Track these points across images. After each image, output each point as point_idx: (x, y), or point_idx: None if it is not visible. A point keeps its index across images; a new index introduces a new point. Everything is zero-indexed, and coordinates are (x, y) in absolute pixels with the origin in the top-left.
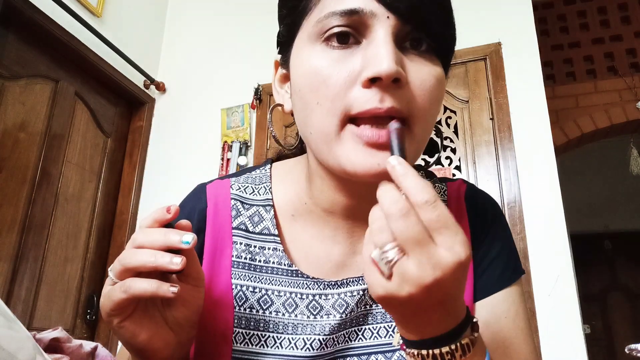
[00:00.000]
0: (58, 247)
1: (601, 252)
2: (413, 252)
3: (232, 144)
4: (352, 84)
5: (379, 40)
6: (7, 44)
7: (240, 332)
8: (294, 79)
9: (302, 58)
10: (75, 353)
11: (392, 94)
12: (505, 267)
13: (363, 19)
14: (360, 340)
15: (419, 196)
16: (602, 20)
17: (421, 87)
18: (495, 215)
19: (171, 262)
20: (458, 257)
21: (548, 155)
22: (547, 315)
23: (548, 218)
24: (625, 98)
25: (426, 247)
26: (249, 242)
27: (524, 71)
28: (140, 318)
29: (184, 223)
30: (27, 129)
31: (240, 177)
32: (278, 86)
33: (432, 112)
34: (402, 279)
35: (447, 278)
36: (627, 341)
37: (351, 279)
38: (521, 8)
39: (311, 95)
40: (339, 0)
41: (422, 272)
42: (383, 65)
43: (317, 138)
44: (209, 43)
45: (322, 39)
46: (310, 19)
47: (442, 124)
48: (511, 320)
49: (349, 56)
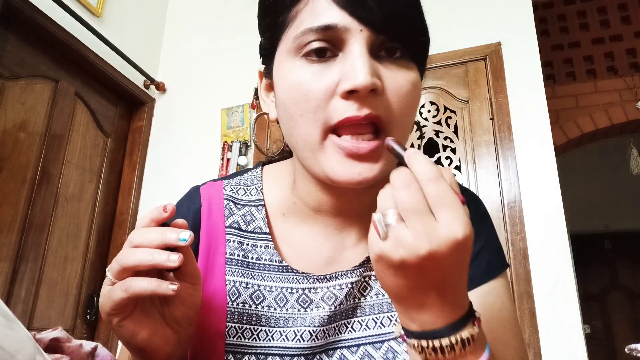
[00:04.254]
0: (58, 247)
1: (601, 252)
2: (410, 221)
3: (232, 144)
4: (331, 96)
5: (354, 54)
6: (7, 44)
7: (233, 327)
8: (277, 92)
9: (284, 73)
10: (75, 353)
11: (369, 102)
12: (491, 260)
13: (338, 33)
14: (349, 333)
15: (423, 173)
16: (602, 20)
17: (397, 94)
18: (478, 212)
19: (168, 259)
20: (455, 235)
21: (548, 155)
22: (547, 315)
23: (548, 218)
24: (625, 98)
25: (424, 218)
26: (241, 240)
27: (524, 71)
28: (139, 317)
29: (180, 222)
30: (27, 129)
31: (233, 179)
32: (264, 95)
33: (409, 116)
34: (398, 242)
35: (442, 254)
36: (627, 341)
37: (340, 273)
38: (521, 8)
39: (295, 108)
40: (314, 16)
41: (417, 240)
42: (359, 78)
43: (303, 147)
44: (209, 43)
45: (301, 54)
46: (288, 34)
47: (442, 124)
48: (498, 312)
49: (328, 69)
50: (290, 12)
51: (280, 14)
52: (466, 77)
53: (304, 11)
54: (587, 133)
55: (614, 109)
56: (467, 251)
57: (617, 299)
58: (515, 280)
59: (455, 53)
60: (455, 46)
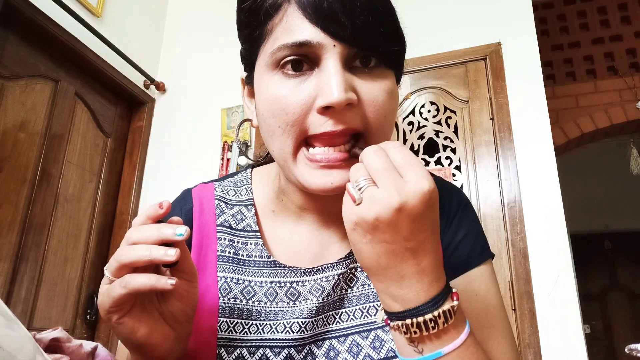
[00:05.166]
0: (58, 247)
1: (601, 252)
2: (381, 180)
3: (232, 144)
4: (308, 110)
5: (329, 70)
6: (7, 44)
7: (224, 321)
8: (257, 103)
9: (263, 86)
10: (75, 353)
11: (345, 116)
12: (473, 248)
13: (312, 49)
14: (338, 323)
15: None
16: (602, 20)
17: (374, 104)
18: (460, 203)
19: (166, 254)
20: (421, 187)
21: (548, 155)
22: (547, 315)
23: (548, 218)
24: (625, 98)
25: (393, 177)
26: (232, 238)
27: (524, 71)
28: (138, 314)
29: (176, 219)
30: (27, 129)
31: (223, 181)
32: (247, 102)
33: (387, 124)
34: (371, 201)
35: (412, 205)
36: (627, 341)
37: (326, 265)
38: (521, 8)
39: (272, 120)
40: (288, 33)
41: (389, 195)
42: (334, 95)
43: (278, 157)
44: (209, 43)
45: (278, 68)
46: (265, 48)
47: (442, 124)
48: (482, 299)
49: (304, 83)
50: (266, 26)
51: (257, 27)
52: (466, 77)
53: (278, 27)
54: (587, 133)
55: (614, 109)
56: (435, 205)
57: (617, 299)
58: (515, 280)
59: (455, 53)
60: (455, 46)
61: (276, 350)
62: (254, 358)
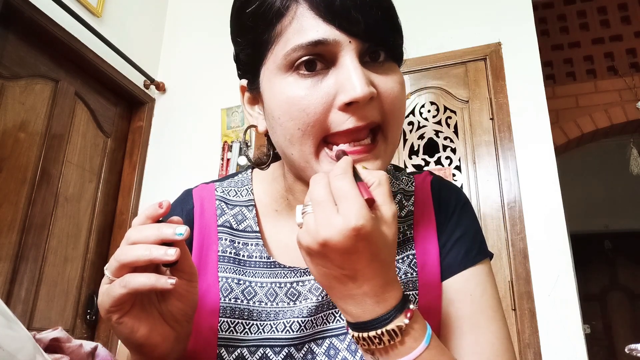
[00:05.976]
0: (58, 247)
1: (601, 252)
2: (315, 210)
3: (232, 144)
4: (329, 108)
5: (348, 66)
6: (7, 44)
7: (225, 321)
8: (270, 108)
9: (276, 89)
10: (75, 353)
11: (367, 110)
12: (470, 247)
13: (328, 47)
14: (337, 322)
15: (334, 171)
16: (602, 20)
17: (390, 97)
18: (458, 202)
19: (166, 253)
20: (347, 224)
21: (548, 155)
22: (547, 315)
23: (548, 218)
24: (625, 98)
25: (327, 208)
26: (233, 238)
27: (524, 71)
28: (138, 314)
29: (175, 219)
30: (27, 129)
31: (224, 182)
32: (249, 108)
33: (402, 115)
34: (306, 229)
35: (336, 241)
36: (627, 341)
37: None
38: (521, 8)
39: (291, 123)
40: (301, 33)
41: (318, 227)
42: (357, 90)
43: (299, 158)
44: (209, 43)
45: (292, 69)
46: (275, 52)
47: (442, 124)
48: (477, 299)
49: (321, 82)
50: (275, 29)
51: (264, 31)
52: (466, 77)
53: (289, 28)
54: (587, 133)
55: (614, 109)
56: (369, 241)
57: (617, 299)
58: (515, 280)
59: (455, 53)
60: (455, 46)
61: (276, 349)
62: (254, 357)
